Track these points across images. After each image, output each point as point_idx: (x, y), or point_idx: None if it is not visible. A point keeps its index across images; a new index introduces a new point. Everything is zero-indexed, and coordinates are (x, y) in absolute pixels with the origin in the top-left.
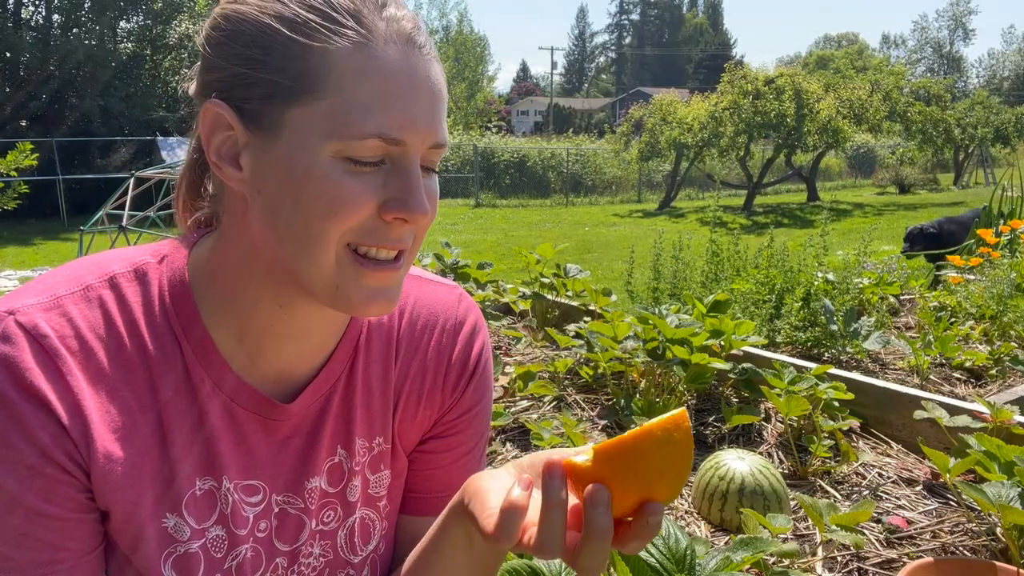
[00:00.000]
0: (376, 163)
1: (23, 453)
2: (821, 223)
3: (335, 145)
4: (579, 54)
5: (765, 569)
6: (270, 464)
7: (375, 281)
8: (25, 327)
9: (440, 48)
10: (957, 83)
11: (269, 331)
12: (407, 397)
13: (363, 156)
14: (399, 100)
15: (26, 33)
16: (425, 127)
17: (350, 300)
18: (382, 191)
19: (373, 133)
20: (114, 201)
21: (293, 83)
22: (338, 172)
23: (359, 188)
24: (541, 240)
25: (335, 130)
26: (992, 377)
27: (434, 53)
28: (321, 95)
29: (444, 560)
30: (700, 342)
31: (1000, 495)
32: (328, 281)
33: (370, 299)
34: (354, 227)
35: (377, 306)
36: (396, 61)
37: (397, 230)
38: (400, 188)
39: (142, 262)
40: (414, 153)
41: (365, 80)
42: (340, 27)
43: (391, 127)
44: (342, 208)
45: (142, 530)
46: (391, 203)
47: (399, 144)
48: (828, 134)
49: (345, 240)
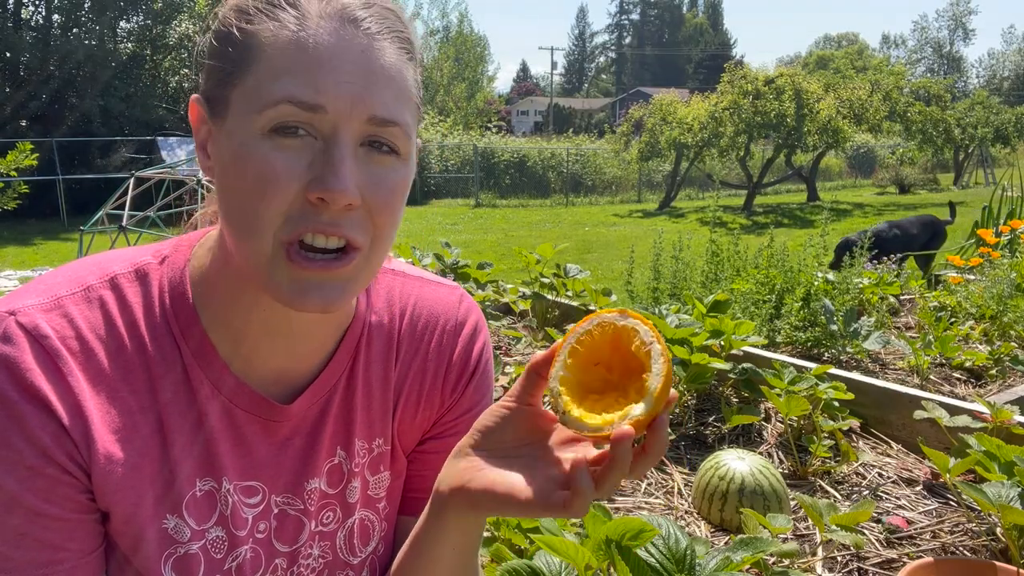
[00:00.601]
0: (297, 133)
1: (23, 453)
2: (821, 223)
3: (257, 118)
4: (579, 54)
5: (765, 569)
6: (269, 465)
7: (309, 275)
8: (26, 327)
9: (440, 48)
10: (957, 83)
11: (261, 332)
12: (407, 398)
13: (280, 123)
14: (318, 67)
15: (26, 33)
16: (350, 95)
17: (281, 292)
18: (308, 171)
19: (283, 97)
20: (114, 201)
21: (233, 65)
22: (265, 148)
23: (283, 165)
24: (541, 240)
25: (255, 102)
26: (992, 377)
27: (381, 31)
28: (250, 71)
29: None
30: (700, 342)
31: (1000, 495)
32: (263, 270)
33: (301, 293)
34: (286, 212)
35: (311, 302)
36: (323, 34)
37: (328, 214)
38: (322, 165)
39: (143, 263)
40: (342, 125)
41: (287, 51)
42: (276, 8)
43: (304, 91)
44: (267, 186)
45: (142, 531)
46: (313, 182)
47: (315, 110)
48: (828, 134)
49: (280, 235)
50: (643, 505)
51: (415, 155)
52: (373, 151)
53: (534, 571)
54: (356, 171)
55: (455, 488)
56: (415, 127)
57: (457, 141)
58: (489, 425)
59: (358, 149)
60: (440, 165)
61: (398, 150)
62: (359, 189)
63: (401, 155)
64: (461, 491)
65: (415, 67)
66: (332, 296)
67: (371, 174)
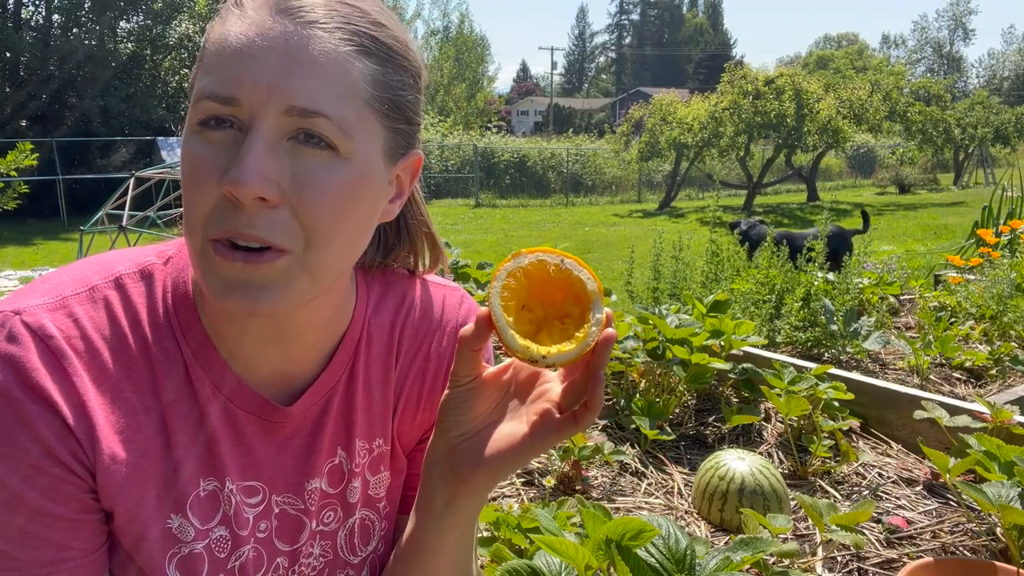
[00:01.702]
0: (223, 127)
1: (28, 452)
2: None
3: (192, 114)
4: (579, 54)
5: (765, 569)
6: (270, 465)
7: (230, 272)
8: (31, 327)
9: (440, 48)
10: (957, 83)
11: (251, 333)
12: (407, 398)
13: (203, 119)
14: (236, 60)
15: (26, 33)
16: (265, 84)
17: (210, 290)
18: (226, 165)
19: (204, 93)
20: (114, 201)
21: (195, 67)
22: (193, 145)
23: (206, 160)
24: (541, 240)
25: (192, 99)
26: (992, 377)
27: (319, 20)
28: (198, 70)
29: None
30: (700, 342)
31: (1000, 495)
32: (199, 271)
33: (226, 291)
34: (209, 208)
35: (233, 301)
36: (249, 27)
37: (244, 213)
38: (234, 156)
39: (148, 263)
40: (258, 116)
41: (214, 48)
42: (224, 8)
43: (221, 85)
44: (192, 184)
45: (146, 530)
46: (223, 175)
47: (231, 103)
48: (828, 134)
49: (207, 231)
50: (643, 505)
51: (381, 160)
52: (300, 144)
53: (534, 571)
54: (272, 163)
55: (462, 478)
56: (367, 127)
57: (457, 141)
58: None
59: (282, 143)
60: (440, 165)
61: (334, 145)
62: (277, 184)
63: (339, 152)
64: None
65: (377, 65)
66: (256, 296)
67: (298, 170)
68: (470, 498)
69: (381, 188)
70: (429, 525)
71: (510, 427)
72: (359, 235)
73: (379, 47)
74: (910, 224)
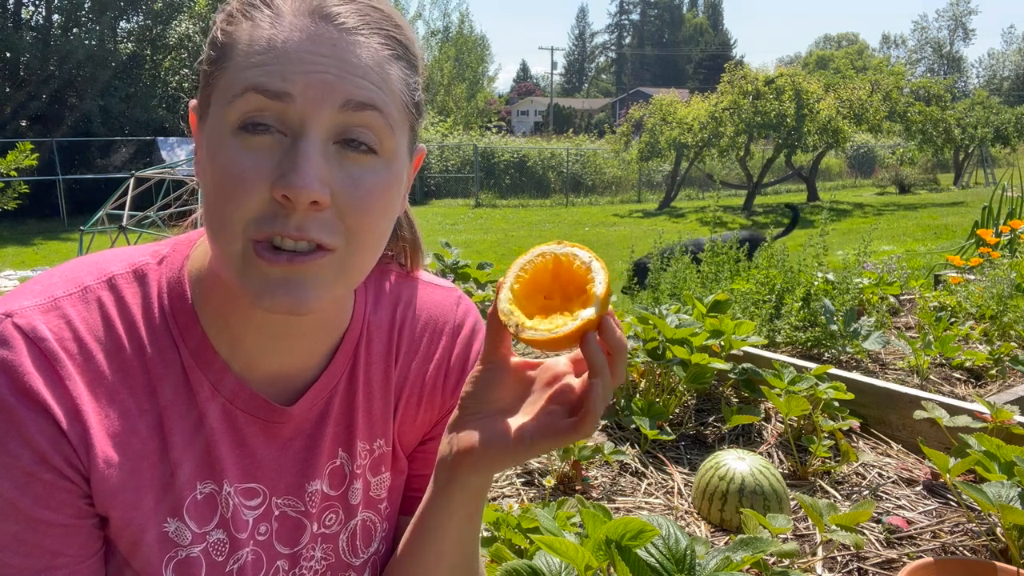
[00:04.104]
0: (266, 131)
1: (21, 458)
2: (821, 223)
3: (227, 112)
4: (579, 54)
5: (765, 569)
6: (271, 467)
7: (275, 272)
8: (23, 330)
9: (441, 48)
10: (957, 83)
11: (257, 333)
12: (407, 399)
13: (248, 117)
14: (286, 58)
15: (26, 33)
16: (320, 82)
17: (250, 290)
18: (276, 170)
19: (249, 86)
20: (114, 201)
21: (213, 67)
22: (235, 147)
23: (251, 164)
24: (541, 240)
25: (225, 96)
26: (992, 377)
27: (359, 27)
28: (224, 71)
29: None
30: (700, 342)
31: (1000, 495)
32: (233, 270)
33: (272, 291)
34: (254, 213)
35: (276, 300)
36: (293, 28)
37: (296, 216)
38: (288, 162)
39: (141, 263)
40: (311, 117)
41: (252, 46)
42: (252, 8)
43: (269, 79)
44: (235, 187)
45: (142, 535)
46: (277, 180)
47: (281, 98)
48: (828, 134)
49: (248, 234)
50: (643, 505)
51: (407, 159)
52: (347, 149)
53: (534, 571)
54: (324, 168)
55: (463, 451)
56: (402, 125)
57: (457, 141)
58: (471, 391)
59: (329, 146)
60: (440, 165)
61: (376, 147)
62: (328, 187)
63: (381, 154)
64: (470, 452)
65: (405, 68)
66: (300, 295)
67: (344, 173)
68: (469, 476)
69: (404, 185)
70: (433, 498)
71: (515, 421)
72: (387, 233)
73: (403, 49)
74: (910, 224)
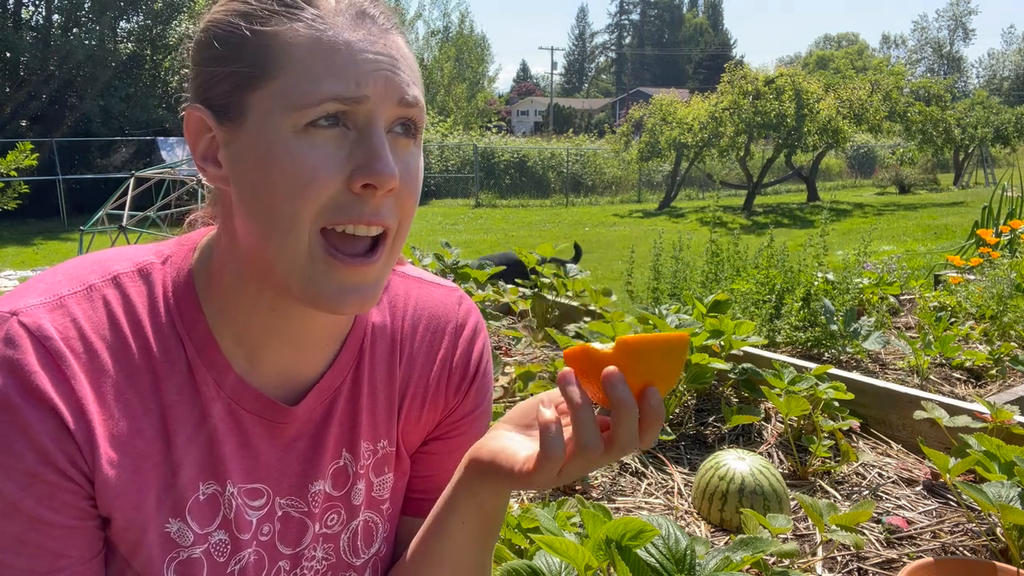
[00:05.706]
0: (335, 126)
1: (25, 458)
2: (821, 223)
3: (293, 117)
4: (579, 54)
5: (765, 569)
6: (274, 467)
7: (349, 276)
8: (29, 328)
9: (441, 48)
10: (957, 83)
11: (265, 334)
12: (411, 399)
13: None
14: (352, 64)
15: (26, 33)
16: (384, 81)
17: (321, 295)
18: (348, 162)
19: (328, 96)
20: (114, 201)
21: (252, 68)
22: (301, 146)
23: (322, 160)
24: (541, 240)
25: (291, 102)
26: (992, 377)
27: (392, 24)
28: (277, 74)
29: (453, 536)
30: (700, 342)
31: (1000, 495)
32: (301, 273)
33: (342, 295)
34: (325, 205)
35: (350, 304)
36: (346, 32)
37: (372, 203)
38: (364, 153)
39: (146, 262)
40: (378, 112)
41: (316, 52)
42: (291, 9)
43: (347, 87)
44: (307, 183)
45: (143, 535)
46: (357, 171)
47: (360, 101)
48: (828, 134)
49: (319, 224)
50: (643, 505)
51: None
52: (399, 136)
53: (534, 571)
54: (393, 156)
55: (471, 457)
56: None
57: (457, 141)
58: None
59: (385, 135)
60: (440, 165)
61: (416, 134)
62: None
63: (417, 141)
64: (473, 460)
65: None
66: (368, 295)
67: (398, 159)
68: (474, 482)
69: None
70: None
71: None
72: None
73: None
74: (910, 224)
